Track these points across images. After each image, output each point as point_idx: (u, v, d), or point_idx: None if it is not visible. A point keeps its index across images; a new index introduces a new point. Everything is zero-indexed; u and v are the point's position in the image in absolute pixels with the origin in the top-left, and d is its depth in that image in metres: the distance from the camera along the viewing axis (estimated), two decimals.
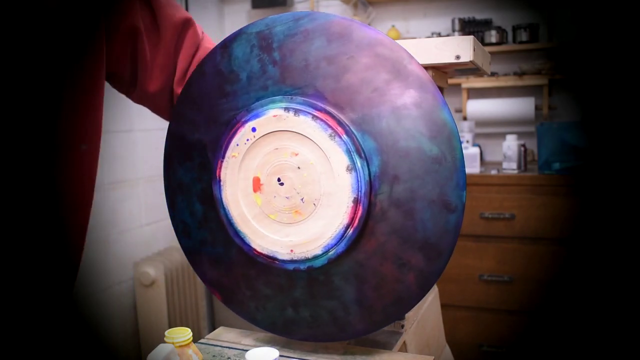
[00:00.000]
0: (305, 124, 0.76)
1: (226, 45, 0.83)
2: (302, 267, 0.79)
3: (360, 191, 0.74)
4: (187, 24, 0.93)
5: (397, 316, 0.80)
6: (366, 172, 0.75)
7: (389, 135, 0.75)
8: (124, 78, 0.90)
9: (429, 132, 0.74)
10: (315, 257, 0.78)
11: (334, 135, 0.75)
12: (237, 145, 0.80)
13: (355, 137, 0.75)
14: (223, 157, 0.81)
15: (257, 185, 0.80)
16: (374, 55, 0.76)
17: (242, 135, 0.79)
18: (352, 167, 0.74)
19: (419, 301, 0.78)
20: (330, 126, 0.75)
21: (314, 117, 0.75)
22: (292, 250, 0.79)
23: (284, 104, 0.77)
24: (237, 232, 0.82)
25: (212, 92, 0.84)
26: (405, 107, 0.74)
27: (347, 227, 0.76)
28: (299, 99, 0.77)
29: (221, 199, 0.82)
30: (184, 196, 0.89)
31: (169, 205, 0.91)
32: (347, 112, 0.76)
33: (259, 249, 0.81)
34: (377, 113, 0.75)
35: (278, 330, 0.87)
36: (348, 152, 0.74)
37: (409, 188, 0.74)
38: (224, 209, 0.82)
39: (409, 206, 0.75)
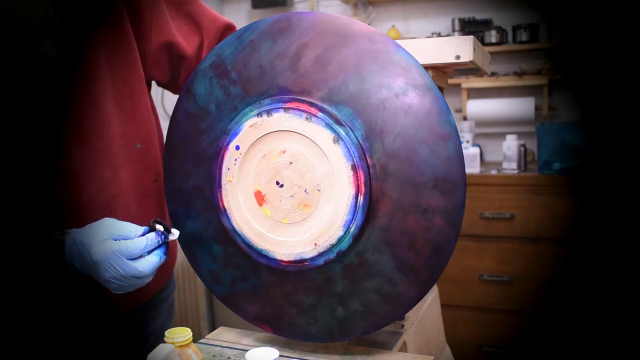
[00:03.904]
0: (281, 119, 0.78)
1: (188, 88, 0.87)
2: (332, 256, 0.79)
3: (354, 156, 0.75)
4: (229, 27, 1.06)
5: (440, 268, 0.78)
6: (353, 137, 0.76)
7: (359, 95, 0.77)
8: (163, 82, 1.04)
9: (394, 76, 0.75)
10: (340, 240, 0.78)
11: (310, 117, 0.77)
12: (229, 169, 0.81)
13: (330, 110, 0.77)
14: (220, 187, 0.82)
15: (260, 198, 0.81)
16: (318, 34, 0.78)
17: (230, 158, 0.81)
18: (338, 138, 0.76)
19: (455, 242, 0.77)
20: (303, 110, 0.77)
21: (286, 109, 0.78)
22: (316, 244, 0.79)
23: (255, 112, 0.80)
24: (259, 252, 0.82)
25: (190, 135, 0.87)
26: (363, 65, 0.76)
27: (356, 197, 0.76)
28: (267, 100, 0.80)
29: (233, 227, 0.83)
30: (200, 245, 0.89)
31: (190, 261, 0.91)
32: (314, 93, 0.78)
33: (285, 258, 0.81)
34: (341, 81, 0.77)
35: (336, 335, 0.85)
36: (328, 126, 0.76)
37: (399, 135, 0.75)
38: (239, 235, 0.83)
39: (406, 152, 0.75)
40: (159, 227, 0.79)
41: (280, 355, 0.82)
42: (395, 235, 0.77)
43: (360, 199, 0.76)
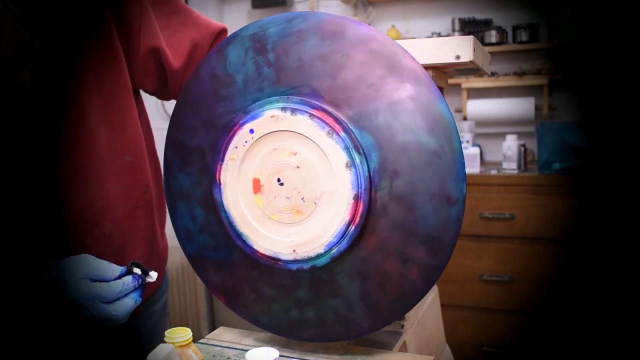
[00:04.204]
0: (303, 122, 0.76)
1: (221, 49, 0.84)
2: (305, 266, 0.79)
3: (360, 187, 0.74)
4: (222, 31, 1.05)
5: (401, 313, 0.79)
6: (365, 168, 0.74)
7: (386, 130, 0.75)
8: (151, 90, 1.02)
9: (427, 126, 0.74)
10: (318, 256, 0.78)
11: (332, 133, 0.75)
12: (236, 147, 0.80)
13: (353, 133, 0.75)
14: (222, 160, 0.81)
15: (257, 186, 0.80)
16: (368, 52, 0.75)
17: (241, 138, 0.79)
18: (351, 164, 0.74)
19: (423, 296, 0.77)
20: (327, 124, 0.75)
21: (311, 115, 0.75)
22: (294, 251, 0.78)
23: (280, 104, 0.77)
24: (239, 235, 0.82)
25: (208, 96, 0.85)
26: (401, 101, 0.74)
27: (348, 225, 0.75)
28: (296, 98, 0.77)
29: (222, 202, 0.82)
30: (185, 202, 0.89)
31: (170, 211, 0.91)
32: (344, 109, 0.76)
33: (261, 251, 0.81)
34: (373, 109, 0.75)
35: (283, 331, 0.87)
36: (346, 148, 0.74)
37: (409, 182, 0.74)
38: (224, 212, 0.82)
39: (410, 200, 0.74)
40: (137, 270, 0.79)
41: (280, 355, 0.82)
42: (370, 270, 0.78)
43: (352, 228, 0.75)
